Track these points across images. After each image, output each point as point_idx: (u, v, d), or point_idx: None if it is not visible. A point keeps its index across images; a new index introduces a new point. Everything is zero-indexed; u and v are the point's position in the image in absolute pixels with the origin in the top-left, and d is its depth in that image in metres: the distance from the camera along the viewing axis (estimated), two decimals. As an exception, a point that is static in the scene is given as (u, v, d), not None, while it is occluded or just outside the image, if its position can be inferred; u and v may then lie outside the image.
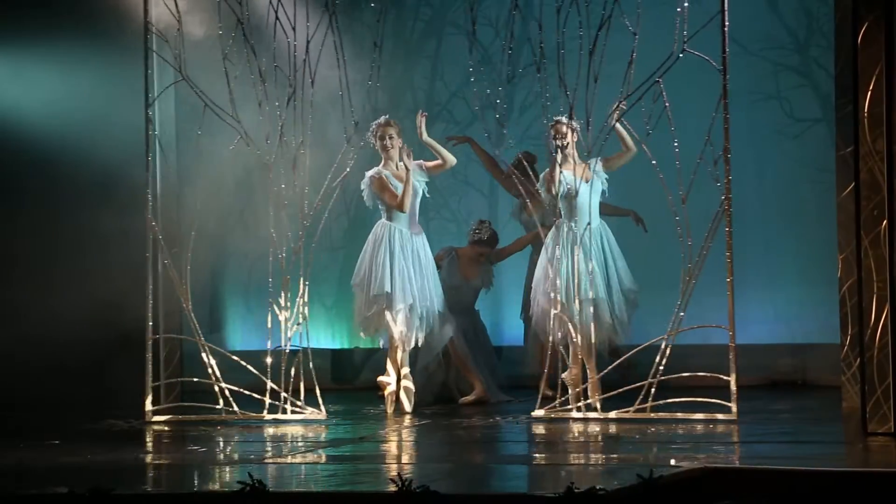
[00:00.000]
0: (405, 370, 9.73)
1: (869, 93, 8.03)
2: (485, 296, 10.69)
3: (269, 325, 9.34)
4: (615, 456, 7.67)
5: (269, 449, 8.30)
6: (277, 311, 9.34)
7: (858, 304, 8.10)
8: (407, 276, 9.66)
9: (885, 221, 7.98)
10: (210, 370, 9.36)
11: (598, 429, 8.60)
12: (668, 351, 8.70)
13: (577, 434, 8.46)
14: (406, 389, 9.69)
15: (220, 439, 8.61)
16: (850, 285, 8.53)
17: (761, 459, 7.45)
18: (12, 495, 6.66)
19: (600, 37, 9.27)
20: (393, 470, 6.77)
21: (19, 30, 10.02)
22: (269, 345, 9.36)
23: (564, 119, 9.43)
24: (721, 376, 8.59)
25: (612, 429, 8.44)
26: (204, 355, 9.35)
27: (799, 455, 7.61)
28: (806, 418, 8.59)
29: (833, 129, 8.93)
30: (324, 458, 7.84)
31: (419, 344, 9.81)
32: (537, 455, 8.04)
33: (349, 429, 9.25)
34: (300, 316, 9.34)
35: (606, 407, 8.85)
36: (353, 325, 10.43)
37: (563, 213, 9.46)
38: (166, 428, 9.21)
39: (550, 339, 9.34)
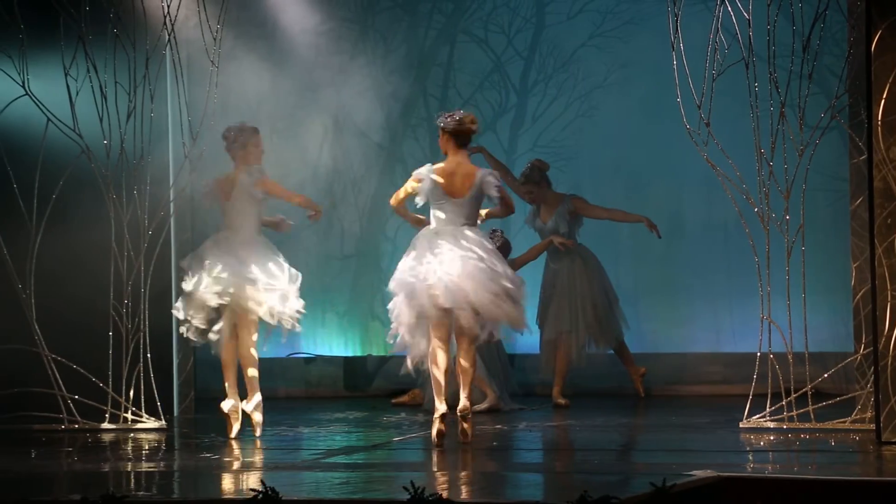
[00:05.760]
0: None
1: (882, 101, 8.01)
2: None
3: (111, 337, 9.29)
4: (629, 463, 7.67)
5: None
6: (119, 324, 9.31)
7: (872, 312, 8.07)
8: None
9: (898, 230, 7.97)
10: (53, 380, 9.28)
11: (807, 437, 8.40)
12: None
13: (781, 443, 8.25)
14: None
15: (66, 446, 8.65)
16: (864, 294, 8.51)
17: (775, 468, 7.43)
18: (25, 502, 6.67)
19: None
20: (406, 478, 6.75)
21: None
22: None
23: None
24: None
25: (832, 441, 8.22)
26: (47, 366, 9.29)
27: (812, 464, 7.59)
28: (819, 427, 8.56)
29: (846, 138, 8.91)
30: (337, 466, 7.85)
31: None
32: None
33: (362, 436, 9.25)
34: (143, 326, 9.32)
35: (823, 416, 8.63)
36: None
37: None
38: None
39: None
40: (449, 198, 8.26)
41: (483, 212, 8.50)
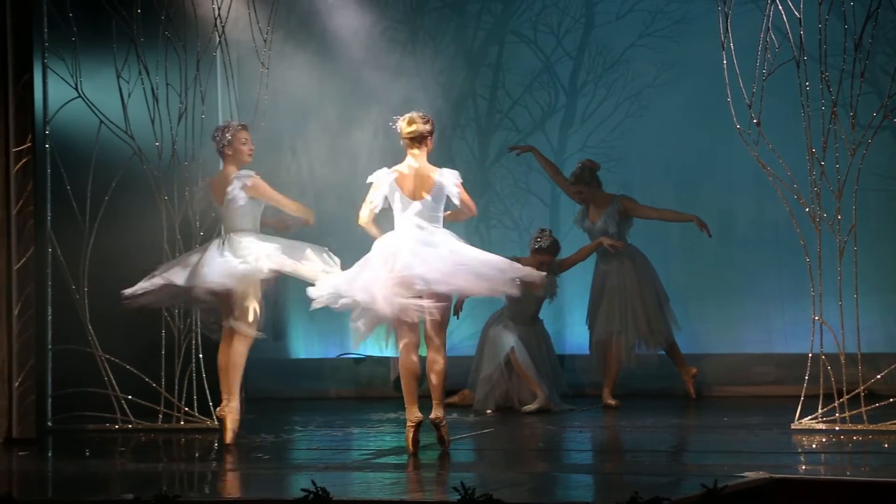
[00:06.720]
0: None
1: (936, 99, 7.94)
2: (548, 304, 10.68)
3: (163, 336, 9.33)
4: (680, 465, 7.64)
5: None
6: (171, 325, 9.36)
7: (926, 313, 8.01)
8: None
9: (952, 229, 7.90)
10: (106, 380, 9.35)
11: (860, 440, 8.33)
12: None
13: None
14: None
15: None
16: (918, 294, 8.45)
17: (827, 470, 7.39)
18: (78, 502, 6.73)
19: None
20: (456, 478, 6.76)
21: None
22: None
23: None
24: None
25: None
26: (101, 366, 9.35)
27: (865, 466, 7.54)
28: (871, 429, 8.50)
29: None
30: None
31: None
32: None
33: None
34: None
35: (876, 418, 8.56)
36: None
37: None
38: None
39: None
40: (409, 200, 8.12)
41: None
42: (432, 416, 8.01)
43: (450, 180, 8.11)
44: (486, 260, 8.03)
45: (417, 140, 8.17)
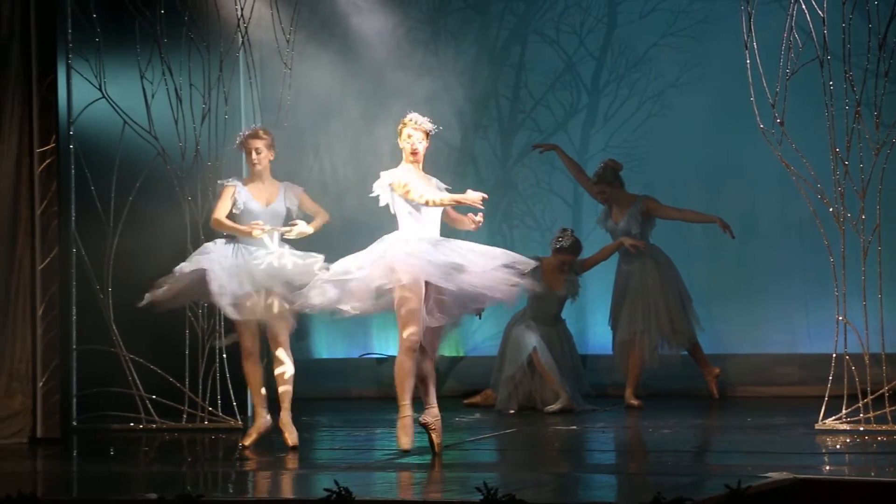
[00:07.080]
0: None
1: (961, 99, 7.91)
2: (570, 304, 10.67)
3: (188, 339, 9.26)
4: (703, 465, 7.62)
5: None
6: (195, 325, 9.38)
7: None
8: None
9: (978, 229, 7.86)
10: (130, 379, 9.39)
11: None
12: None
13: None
14: None
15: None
16: (945, 294, 8.40)
17: (851, 470, 7.36)
18: (102, 501, 6.76)
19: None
20: (478, 478, 6.76)
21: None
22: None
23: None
24: None
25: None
26: (125, 366, 9.39)
27: (890, 466, 7.51)
28: (896, 429, 8.48)
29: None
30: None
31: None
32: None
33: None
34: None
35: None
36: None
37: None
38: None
39: None
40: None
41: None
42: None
43: (376, 185, 8.11)
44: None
45: None
